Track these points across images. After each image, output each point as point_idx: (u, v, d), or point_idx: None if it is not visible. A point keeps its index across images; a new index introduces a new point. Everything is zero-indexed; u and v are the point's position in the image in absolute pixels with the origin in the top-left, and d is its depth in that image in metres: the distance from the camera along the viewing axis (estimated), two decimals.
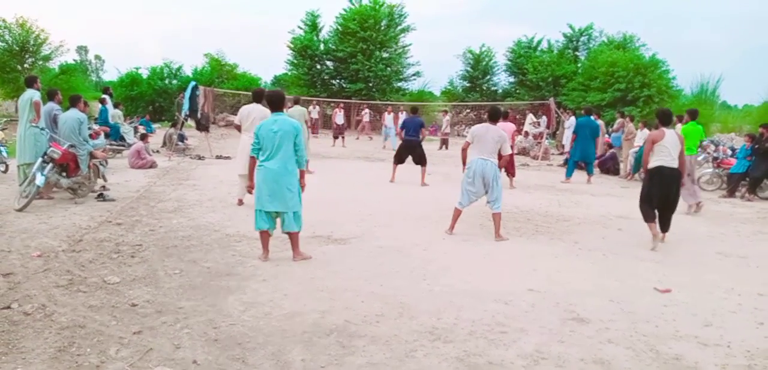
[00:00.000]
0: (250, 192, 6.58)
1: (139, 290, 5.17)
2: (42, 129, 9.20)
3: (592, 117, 15.55)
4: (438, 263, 6.50)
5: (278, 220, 6.30)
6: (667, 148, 7.64)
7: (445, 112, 26.76)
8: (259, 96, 9.31)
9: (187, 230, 7.60)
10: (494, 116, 8.02)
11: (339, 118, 25.29)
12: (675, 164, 7.66)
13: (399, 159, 13.27)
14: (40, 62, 31.46)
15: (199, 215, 8.55)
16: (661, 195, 7.73)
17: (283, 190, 6.08)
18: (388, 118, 24.72)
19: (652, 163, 7.76)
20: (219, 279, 5.59)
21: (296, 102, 14.32)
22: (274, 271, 5.92)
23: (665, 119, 7.92)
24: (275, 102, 6.31)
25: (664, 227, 7.98)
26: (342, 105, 27.04)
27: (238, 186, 9.56)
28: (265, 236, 6.33)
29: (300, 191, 6.25)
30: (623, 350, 4.31)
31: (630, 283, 6.07)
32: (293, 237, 6.32)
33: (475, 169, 7.82)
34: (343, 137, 24.11)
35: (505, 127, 13.30)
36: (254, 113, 9.19)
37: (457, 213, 8.14)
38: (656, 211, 7.82)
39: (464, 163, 8.07)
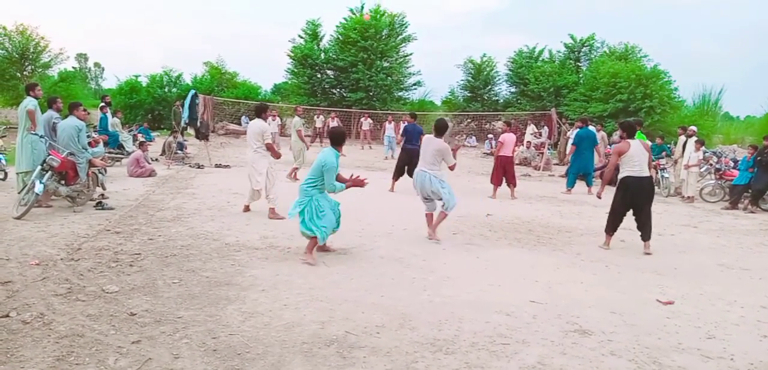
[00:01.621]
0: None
1: (137, 300, 5.13)
2: (41, 137, 9.19)
3: (590, 127, 15.57)
4: (439, 274, 6.47)
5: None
6: (631, 159, 7.95)
7: None
8: (258, 111, 9.84)
9: (186, 238, 7.57)
10: (439, 130, 8.32)
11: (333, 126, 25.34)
12: (643, 174, 7.95)
13: (400, 172, 13.22)
14: (40, 70, 31.51)
15: (199, 224, 8.51)
16: (631, 200, 8.03)
17: (302, 197, 6.83)
18: (389, 128, 24.58)
19: (621, 174, 8.10)
20: (218, 289, 5.55)
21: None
22: (273, 281, 5.88)
23: (630, 131, 8.22)
24: (331, 138, 7.07)
25: (646, 233, 8.10)
26: (334, 114, 27.03)
27: (248, 194, 9.83)
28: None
29: (315, 209, 6.75)
30: (626, 363, 4.27)
31: (632, 294, 6.03)
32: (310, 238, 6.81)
33: (415, 179, 8.30)
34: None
35: (506, 137, 13.32)
36: (252, 128, 9.57)
37: (428, 217, 8.39)
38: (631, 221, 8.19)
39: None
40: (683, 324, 5.17)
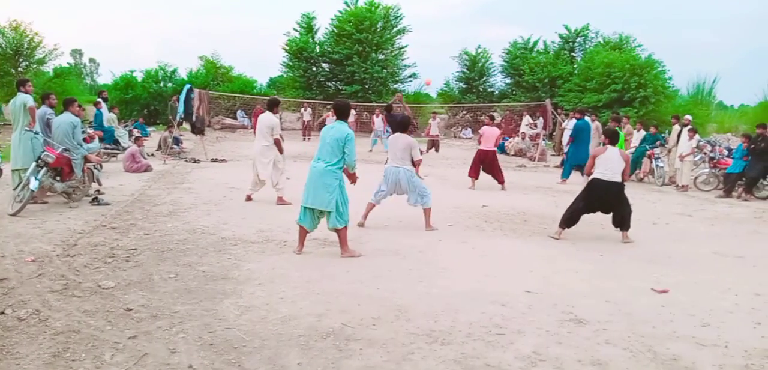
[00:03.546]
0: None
1: (134, 295, 5.13)
2: (36, 133, 9.16)
3: (586, 118, 15.59)
4: (435, 266, 6.48)
5: (323, 220, 6.73)
6: (605, 162, 8.04)
7: (434, 114, 26.53)
8: (269, 104, 10.35)
9: (182, 233, 7.57)
10: (401, 125, 8.77)
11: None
12: (614, 179, 7.99)
13: None
14: (34, 66, 31.38)
15: (195, 219, 8.51)
16: (597, 202, 8.13)
17: (320, 189, 6.51)
18: (377, 121, 24.44)
19: (593, 174, 8.15)
20: (214, 283, 5.56)
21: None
22: (270, 274, 5.89)
23: (613, 139, 8.35)
24: (338, 110, 6.89)
25: (623, 226, 8.14)
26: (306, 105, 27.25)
27: (251, 183, 10.25)
28: (301, 231, 6.76)
29: (342, 191, 6.62)
30: (621, 351, 4.29)
31: (627, 283, 6.06)
32: (339, 234, 6.70)
33: (387, 175, 8.50)
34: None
35: (486, 130, 13.32)
36: (262, 121, 10.12)
37: (369, 206, 8.57)
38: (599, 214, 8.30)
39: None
40: (678, 312, 5.20)
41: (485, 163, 13.17)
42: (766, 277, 6.55)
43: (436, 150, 22.79)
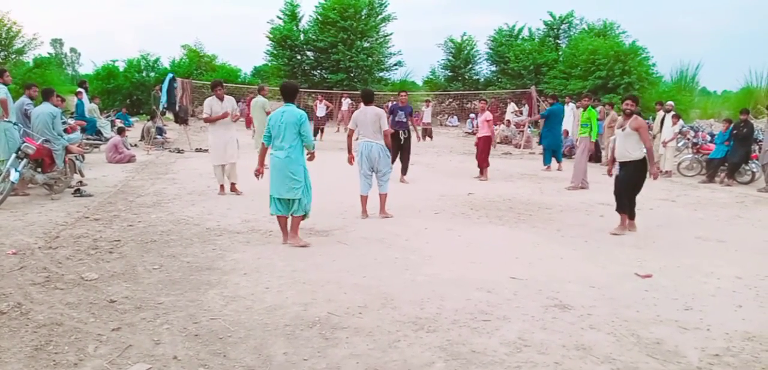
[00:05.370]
0: (257, 176, 7.05)
1: (117, 286, 5.08)
2: (14, 124, 9.03)
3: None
4: (420, 253, 6.49)
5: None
6: None
7: (427, 102, 26.56)
8: (213, 86, 10.26)
9: (166, 224, 7.51)
10: (368, 99, 8.52)
11: (320, 110, 24.81)
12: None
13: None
14: (14, 56, 30.82)
15: (179, 209, 8.45)
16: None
17: (287, 177, 6.50)
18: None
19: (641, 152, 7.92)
20: (199, 273, 5.52)
21: (260, 91, 13.44)
22: (255, 264, 5.86)
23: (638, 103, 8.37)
24: (286, 93, 6.76)
25: (633, 213, 8.07)
26: (321, 96, 26.82)
27: (217, 176, 10.10)
28: (281, 220, 6.71)
29: (306, 179, 6.61)
30: (605, 336, 4.33)
31: (611, 269, 6.11)
32: (293, 221, 6.69)
33: (362, 150, 8.31)
34: (322, 131, 23.28)
35: (490, 115, 13.30)
36: (212, 105, 9.94)
37: (364, 199, 8.45)
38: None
39: (349, 149, 8.57)
40: (661, 297, 5.25)
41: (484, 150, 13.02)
42: (747, 261, 6.62)
43: (430, 138, 22.75)
